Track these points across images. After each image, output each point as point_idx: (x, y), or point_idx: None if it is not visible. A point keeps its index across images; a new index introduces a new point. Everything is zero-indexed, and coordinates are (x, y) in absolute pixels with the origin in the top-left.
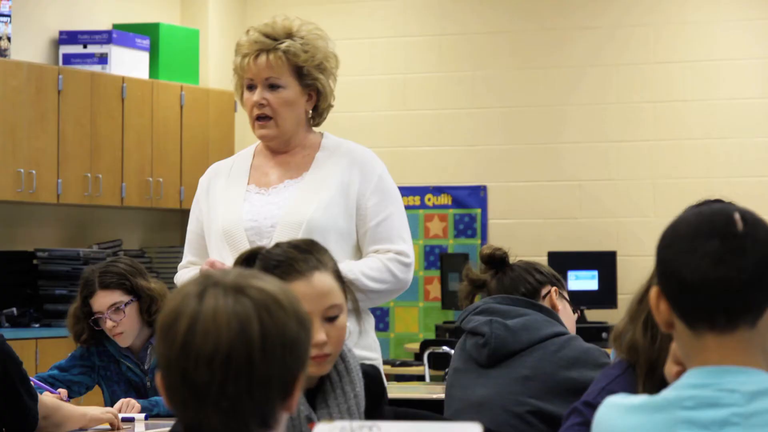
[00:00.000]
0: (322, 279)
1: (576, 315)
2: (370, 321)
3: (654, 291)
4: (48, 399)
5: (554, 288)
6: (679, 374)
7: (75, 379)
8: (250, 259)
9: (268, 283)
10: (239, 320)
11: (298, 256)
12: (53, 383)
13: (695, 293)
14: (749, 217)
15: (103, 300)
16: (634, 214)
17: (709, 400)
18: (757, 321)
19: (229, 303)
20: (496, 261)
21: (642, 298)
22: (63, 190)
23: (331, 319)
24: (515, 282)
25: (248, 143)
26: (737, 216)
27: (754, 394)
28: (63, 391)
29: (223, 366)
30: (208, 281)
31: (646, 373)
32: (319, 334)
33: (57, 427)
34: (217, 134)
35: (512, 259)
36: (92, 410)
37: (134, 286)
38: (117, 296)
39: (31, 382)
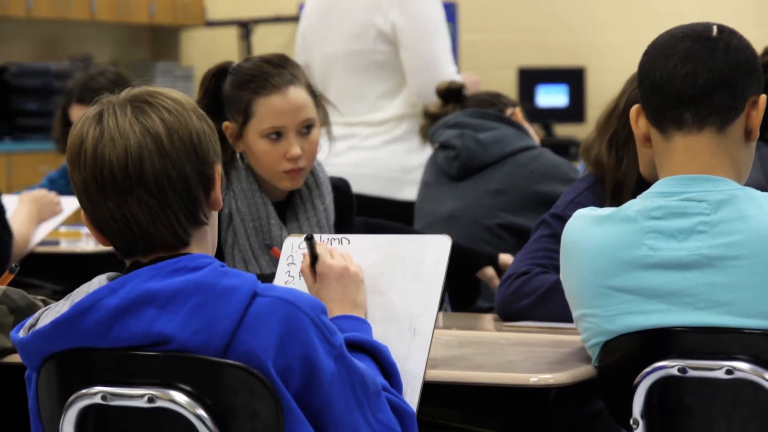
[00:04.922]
0: (297, 93)
1: (539, 138)
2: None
3: (635, 107)
4: (19, 233)
5: (518, 108)
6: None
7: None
8: (219, 74)
9: (160, 88)
10: (141, 123)
11: (272, 71)
12: None
13: (664, 90)
14: (727, 28)
15: (78, 113)
16: (604, 29)
17: (676, 209)
18: (726, 126)
19: (128, 112)
20: (454, 93)
21: (610, 113)
22: (33, 3)
23: (304, 134)
24: (480, 106)
25: None
26: (715, 26)
27: (721, 203)
28: None
29: (138, 163)
30: (102, 105)
31: (612, 194)
32: (294, 148)
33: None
34: None
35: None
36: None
37: None
38: None
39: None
